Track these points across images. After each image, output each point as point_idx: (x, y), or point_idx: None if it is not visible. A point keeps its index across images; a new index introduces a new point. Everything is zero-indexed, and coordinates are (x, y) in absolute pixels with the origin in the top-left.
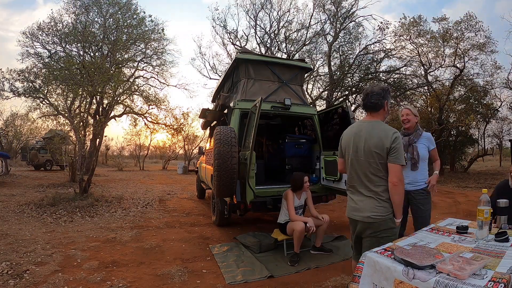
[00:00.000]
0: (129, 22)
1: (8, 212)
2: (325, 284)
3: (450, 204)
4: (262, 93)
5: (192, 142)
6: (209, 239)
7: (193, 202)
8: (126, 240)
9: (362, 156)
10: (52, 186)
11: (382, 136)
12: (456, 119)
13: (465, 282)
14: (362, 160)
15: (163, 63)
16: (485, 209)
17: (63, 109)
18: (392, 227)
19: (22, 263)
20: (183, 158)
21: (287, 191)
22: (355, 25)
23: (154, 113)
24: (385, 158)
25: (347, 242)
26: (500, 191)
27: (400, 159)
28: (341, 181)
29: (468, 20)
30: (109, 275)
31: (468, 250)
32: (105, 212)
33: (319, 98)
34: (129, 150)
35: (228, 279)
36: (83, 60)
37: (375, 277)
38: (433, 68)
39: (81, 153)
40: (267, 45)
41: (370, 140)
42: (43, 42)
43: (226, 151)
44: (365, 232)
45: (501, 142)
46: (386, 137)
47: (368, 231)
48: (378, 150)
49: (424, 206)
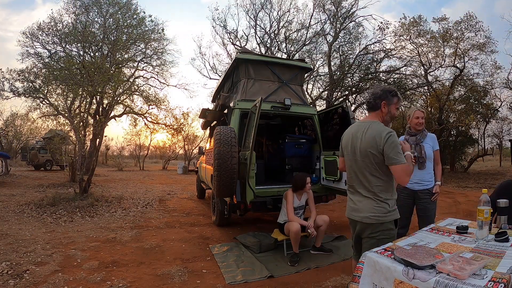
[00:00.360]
0: (129, 22)
1: (8, 212)
2: (325, 284)
3: (450, 204)
4: (262, 93)
5: (192, 142)
6: (209, 239)
7: (193, 202)
8: (126, 240)
9: (359, 156)
10: (52, 186)
11: (376, 136)
12: (456, 119)
13: (465, 282)
14: (359, 161)
15: (163, 63)
16: (485, 209)
17: (63, 109)
18: (390, 228)
19: (22, 263)
20: (183, 158)
21: (287, 191)
22: (355, 25)
23: (154, 113)
24: (381, 158)
25: (347, 242)
26: (502, 191)
27: (398, 159)
28: (341, 181)
29: (468, 20)
30: (109, 275)
31: (468, 250)
32: (105, 212)
33: (319, 98)
34: (129, 150)
35: (228, 279)
36: (83, 60)
37: (375, 277)
38: (433, 68)
39: (81, 153)
40: (267, 45)
41: (365, 140)
42: (43, 42)
43: (226, 151)
44: (364, 232)
45: (501, 142)
46: (379, 137)
47: (367, 231)
48: (373, 150)
49: (431, 205)
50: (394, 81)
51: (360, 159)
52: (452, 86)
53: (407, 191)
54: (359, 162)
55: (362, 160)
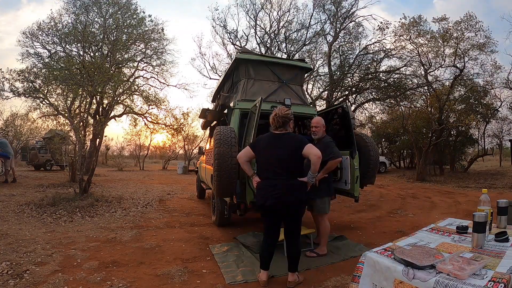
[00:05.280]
0: (129, 22)
1: (8, 212)
2: (325, 284)
3: (450, 204)
4: (262, 93)
5: (192, 142)
6: (209, 239)
7: (193, 202)
8: (126, 240)
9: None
10: (52, 186)
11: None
12: (456, 119)
13: (465, 282)
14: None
15: (163, 63)
16: (485, 209)
17: (63, 109)
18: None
19: (22, 263)
20: (183, 158)
21: None
22: (355, 25)
23: (154, 113)
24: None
25: (347, 242)
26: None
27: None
28: (341, 181)
29: (468, 20)
30: (109, 275)
31: (468, 250)
32: (105, 212)
33: (319, 98)
34: (129, 150)
35: (228, 279)
36: (83, 60)
37: (375, 277)
38: (433, 68)
39: (81, 153)
40: (267, 45)
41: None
42: (43, 42)
43: (226, 151)
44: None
45: (501, 142)
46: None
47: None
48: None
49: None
50: (394, 81)
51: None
52: (452, 86)
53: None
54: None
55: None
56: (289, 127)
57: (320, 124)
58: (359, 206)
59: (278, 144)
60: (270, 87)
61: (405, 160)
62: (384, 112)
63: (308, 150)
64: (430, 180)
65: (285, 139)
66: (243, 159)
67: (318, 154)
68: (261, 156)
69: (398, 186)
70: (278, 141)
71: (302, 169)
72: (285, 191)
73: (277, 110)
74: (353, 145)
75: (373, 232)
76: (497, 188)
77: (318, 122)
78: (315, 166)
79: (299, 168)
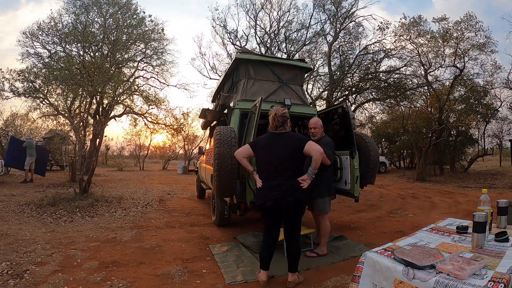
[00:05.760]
0: (129, 22)
1: (8, 212)
2: (325, 284)
3: (450, 204)
4: (262, 93)
5: (192, 142)
6: (209, 239)
7: (193, 202)
8: (126, 240)
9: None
10: (52, 186)
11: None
12: (456, 119)
13: (465, 282)
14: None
15: (163, 63)
16: (485, 209)
17: (63, 109)
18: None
19: (22, 263)
20: (183, 158)
21: None
22: (355, 25)
23: (154, 113)
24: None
25: (347, 242)
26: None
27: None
28: (341, 181)
29: (468, 20)
30: (109, 275)
31: (468, 250)
32: (105, 212)
33: (319, 98)
34: (129, 150)
35: (228, 279)
36: (83, 60)
37: (375, 277)
38: (433, 68)
39: (81, 153)
40: (267, 45)
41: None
42: (43, 42)
43: (226, 151)
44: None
45: (501, 142)
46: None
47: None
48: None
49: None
50: (394, 81)
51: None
52: (452, 86)
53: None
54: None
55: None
56: (287, 126)
57: (319, 125)
58: (359, 206)
59: (278, 143)
60: (270, 87)
61: (405, 160)
62: (384, 112)
63: (310, 147)
64: (430, 180)
65: (285, 138)
66: (241, 155)
67: (320, 150)
68: (260, 155)
69: (398, 186)
70: (278, 140)
71: (302, 168)
72: (285, 192)
73: (274, 110)
74: (353, 145)
75: (373, 232)
76: (497, 188)
77: (316, 123)
78: (317, 162)
79: (299, 167)
